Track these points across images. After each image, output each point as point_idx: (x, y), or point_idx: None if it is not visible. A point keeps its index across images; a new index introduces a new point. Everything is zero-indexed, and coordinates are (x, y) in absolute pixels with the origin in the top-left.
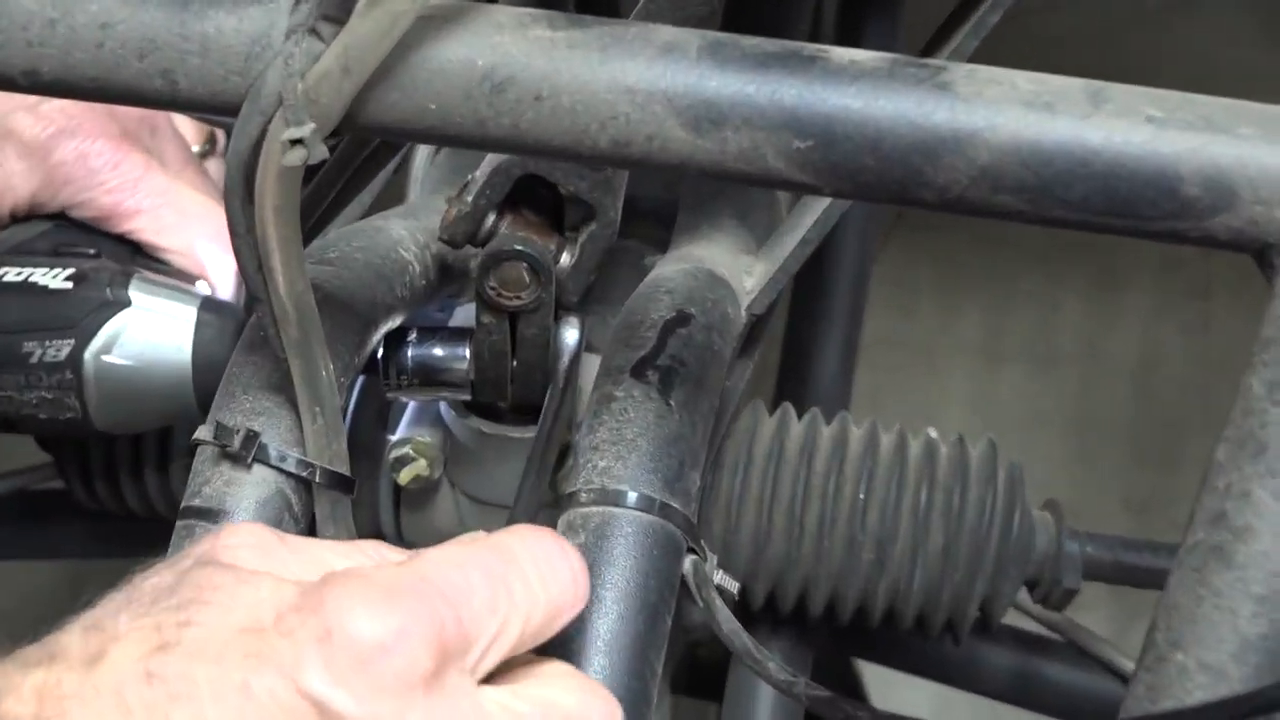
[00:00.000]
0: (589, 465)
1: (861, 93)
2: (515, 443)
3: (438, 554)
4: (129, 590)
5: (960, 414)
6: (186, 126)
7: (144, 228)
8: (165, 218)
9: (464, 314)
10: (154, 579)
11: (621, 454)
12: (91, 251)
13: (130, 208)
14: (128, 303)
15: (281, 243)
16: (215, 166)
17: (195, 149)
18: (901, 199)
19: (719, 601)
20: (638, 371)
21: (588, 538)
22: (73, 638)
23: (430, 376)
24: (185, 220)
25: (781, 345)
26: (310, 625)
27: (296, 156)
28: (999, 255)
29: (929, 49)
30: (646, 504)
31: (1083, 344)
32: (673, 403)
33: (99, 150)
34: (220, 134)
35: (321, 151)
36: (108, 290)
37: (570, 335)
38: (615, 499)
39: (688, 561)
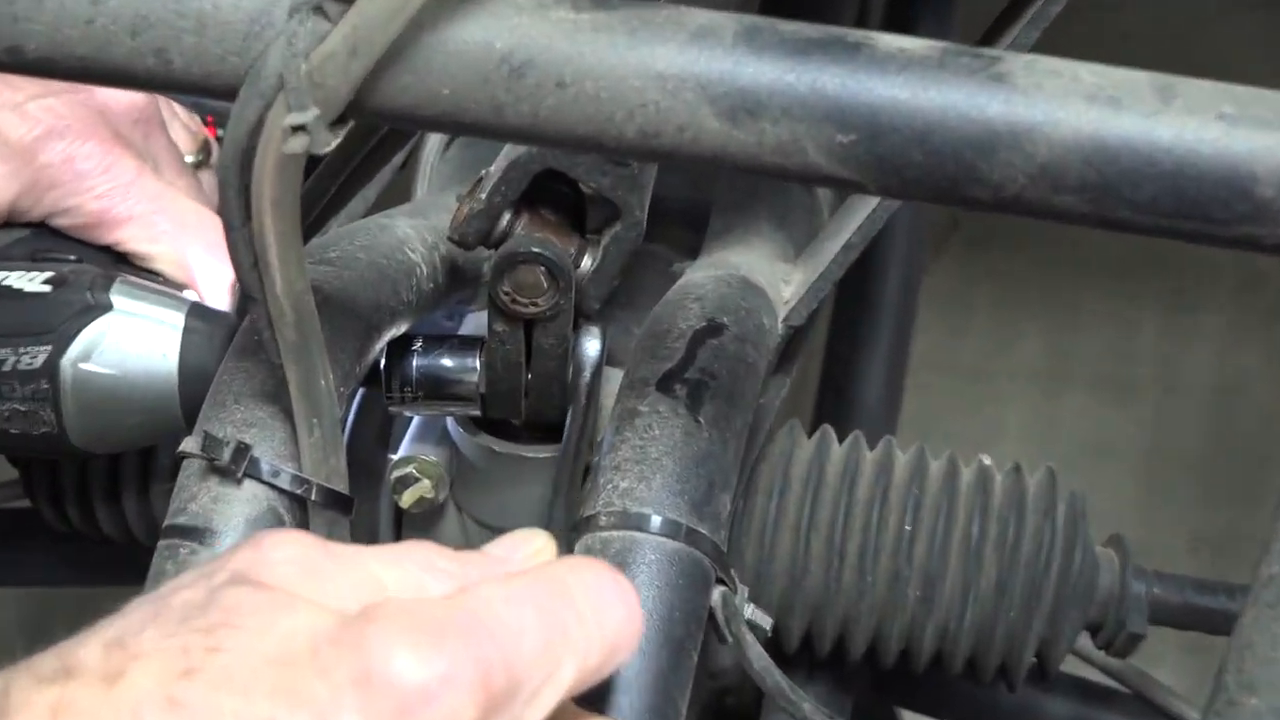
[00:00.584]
0: (609, 486)
1: (910, 82)
2: (529, 463)
3: (489, 587)
4: (157, 604)
5: (1018, 445)
6: (180, 134)
7: (134, 236)
8: (158, 225)
9: (475, 322)
10: (185, 593)
11: (645, 474)
12: (72, 257)
13: (120, 214)
14: (109, 307)
15: (279, 238)
16: (209, 178)
17: (189, 159)
18: (953, 198)
19: (750, 637)
20: (664, 385)
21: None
22: (91, 652)
23: (437, 389)
24: (180, 229)
25: (821, 362)
26: (348, 664)
27: (298, 144)
28: (1063, 271)
29: (985, 41)
30: (672, 529)
31: (1154, 369)
32: (701, 419)
33: (88, 153)
34: (216, 145)
35: (325, 139)
36: (88, 294)
37: (591, 346)
38: (637, 523)
39: (716, 593)
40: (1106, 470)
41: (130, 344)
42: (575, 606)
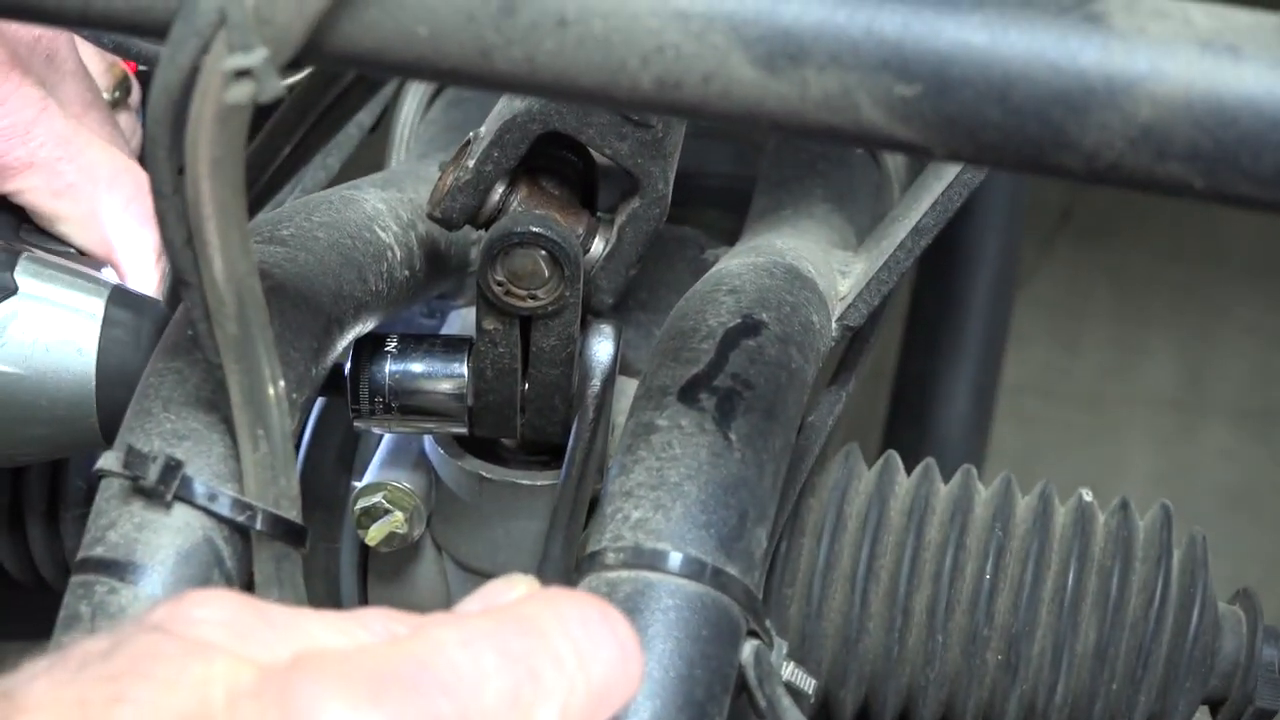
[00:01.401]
0: (619, 516)
1: (986, 24)
2: (524, 492)
3: (442, 630)
4: (53, 654)
5: (1141, 489)
6: (94, 62)
7: (35, 187)
8: (64, 175)
9: (461, 320)
10: (86, 643)
11: (663, 502)
12: None
13: (19, 159)
14: (13, 289)
15: (219, 208)
16: (128, 121)
17: (105, 97)
18: (1037, 166)
19: (787, 702)
20: (687, 394)
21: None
22: None
23: (414, 401)
24: (91, 181)
25: (893, 380)
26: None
27: (242, 92)
28: (1201, 272)
29: None
30: (694, 569)
31: None
32: (733, 436)
33: None
34: (137, 83)
35: (275, 87)
36: None
37: (602, 349)
38: (653, 561)
39: (747, 647)
40: (1247, 516)
41: (38, 336)
42: (551, 646)
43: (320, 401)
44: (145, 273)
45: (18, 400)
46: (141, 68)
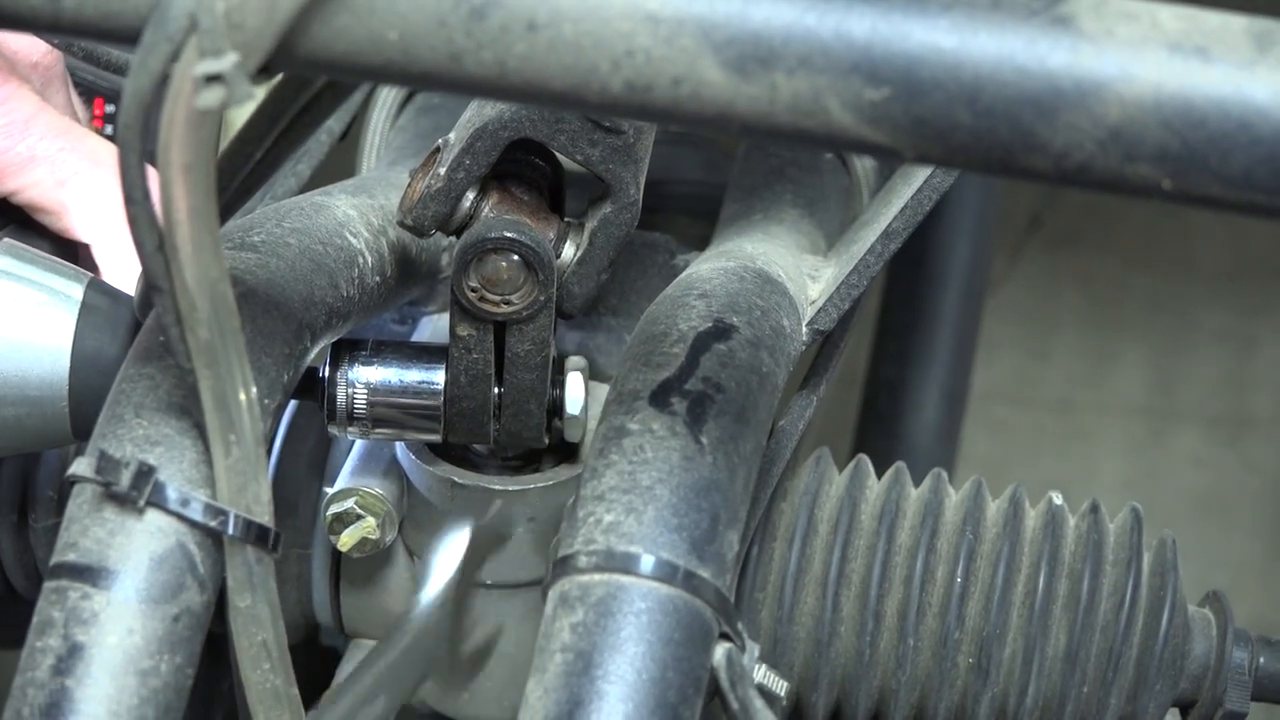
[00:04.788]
0: (591, 520)
1: (956, 26)
2: (497, 497)
3: None
4: None
5: (1112, 494)
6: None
7: (39, 180)
8: (68, 163)
9: (431, 327)
10: None
11: (634, 505)
12: None
13: (19, 154)
14: None
15: (191, 215)
16: None
17: None
18: (1006, 168)
19: (759, 703)
20: (659, 398)
21: (587, 614)
22: None
23: (388, 408)
24: (95, 165)
25: (863, 386)
26: None
27: (213, 97)
28: (1171, 278)
29: None
30: (666, 572)
31: (1278, 401)
32: (704, 440)
33: None
34: None
35: (246, 92)
36: None
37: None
38: (625, 564)
39: (719, 650)
40: (1218, 523)
41: (15, 314)
42: None
43: (291, 407)
44: None
45: None
46: (109, 108)
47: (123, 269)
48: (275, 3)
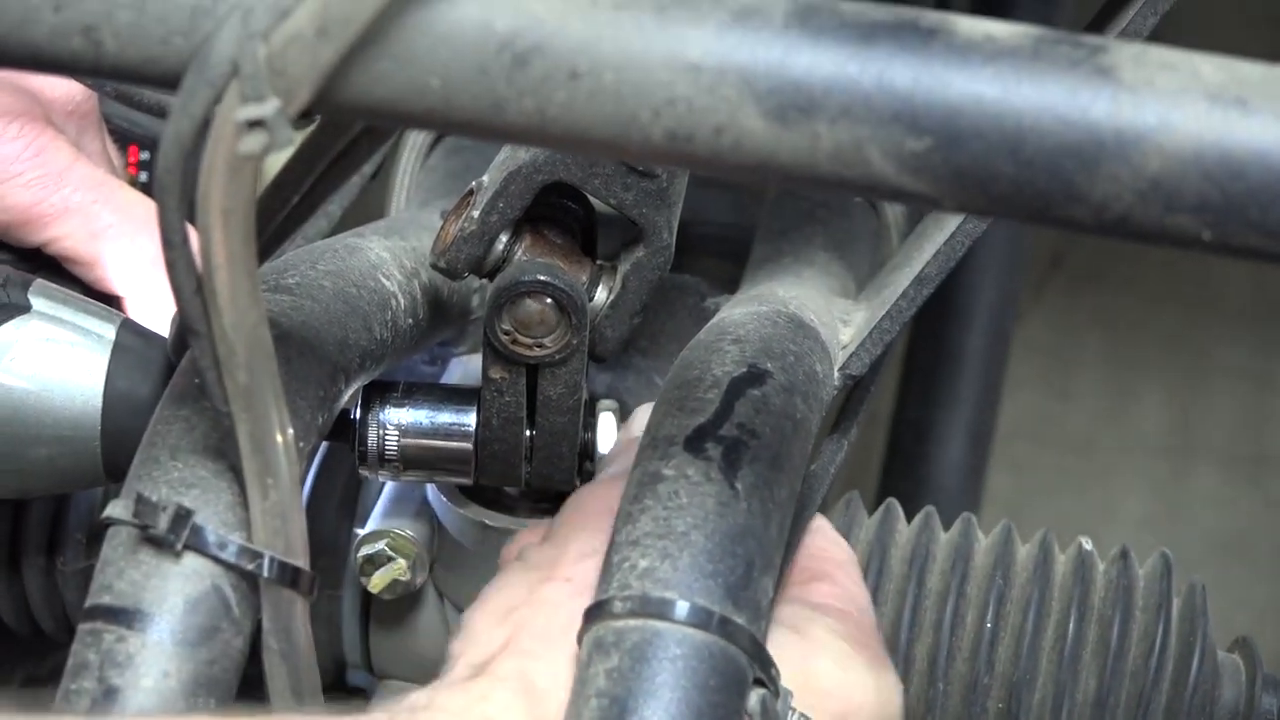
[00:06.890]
0: (625, 565)
1: (998, 77)
2: None
3: None
4: None
5: (1133, 534)
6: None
7: (72, 232)
8: (101, 216)
9: (462, 369)
10: None
11: (669, 551)
12: None
13: (54, 206)
14: (27, 307)
15: (229, 259)
16: None
17: None
18: (1046, 218)
19: None
20: (694, 444)
21: (622, 660)
22: None
23: (420, 450)
24: (128, 220)
25: (889, 426)
26: None
27: (255, 142)
28: (1192, 317)
29: (1093, 28)
30: (701, 618)
31: None
32: (739, 486)
33: (14, 133)
34: None
35: (287, 137)
36: (2, 290)
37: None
38: (660, 610)
39: (754, 695)
40: (1242, 565)
41: (48, 354)
42: None
43: (323, 448)
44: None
45: (22, 417)
46: (143, 155)
47: (154, 323)
48: (317, 49)
